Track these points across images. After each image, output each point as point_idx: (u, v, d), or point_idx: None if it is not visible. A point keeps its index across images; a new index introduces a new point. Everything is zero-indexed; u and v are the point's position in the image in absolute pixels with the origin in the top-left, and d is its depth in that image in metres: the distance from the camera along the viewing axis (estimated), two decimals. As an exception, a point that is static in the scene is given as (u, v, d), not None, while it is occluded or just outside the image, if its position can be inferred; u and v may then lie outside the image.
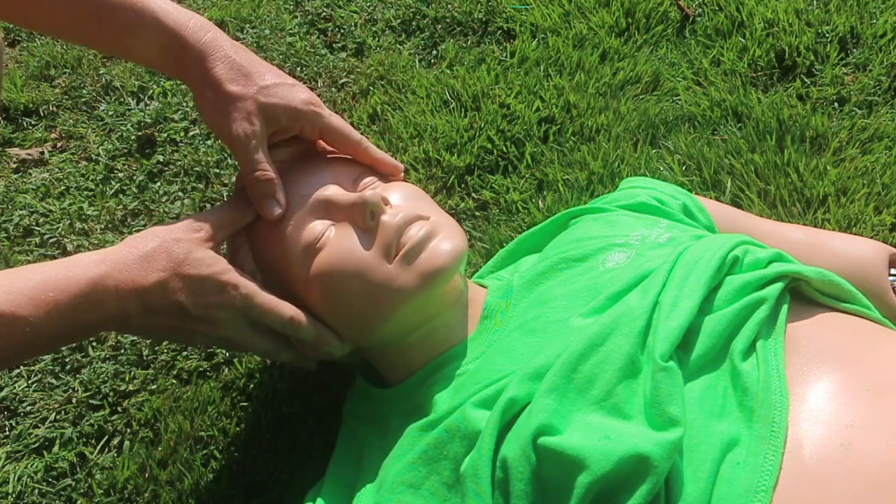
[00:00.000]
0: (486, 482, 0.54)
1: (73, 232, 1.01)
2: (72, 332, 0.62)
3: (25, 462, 0.82)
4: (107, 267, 0.62)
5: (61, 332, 0.61)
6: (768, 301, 0.60)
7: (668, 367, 0.54)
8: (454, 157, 1.05)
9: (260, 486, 0.79)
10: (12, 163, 1.11)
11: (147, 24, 0.70)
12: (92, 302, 0.61)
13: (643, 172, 1.01)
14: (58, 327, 0.60)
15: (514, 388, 0.57)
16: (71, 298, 0.60)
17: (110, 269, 0.62)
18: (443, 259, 0.65)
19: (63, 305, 0.59)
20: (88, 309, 0.61)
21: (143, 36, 0.70)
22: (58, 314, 0.59)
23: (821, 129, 1.01)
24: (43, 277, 0.59)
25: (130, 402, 0.86)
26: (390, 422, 0.68)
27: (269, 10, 1.30)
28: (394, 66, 1.19)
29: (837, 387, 0.55)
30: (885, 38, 1.11)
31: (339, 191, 0.69)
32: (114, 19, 0.70)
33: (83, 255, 0.63)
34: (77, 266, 0.61)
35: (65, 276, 0.60)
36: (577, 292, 0.67)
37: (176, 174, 1.08)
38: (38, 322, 0.58)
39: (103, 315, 0.62)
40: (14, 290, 0.58)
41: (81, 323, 0.61)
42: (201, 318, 0.65)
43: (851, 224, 0.92)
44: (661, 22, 1.21)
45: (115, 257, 0.63)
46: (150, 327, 0.66)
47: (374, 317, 0.67)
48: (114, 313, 0.62)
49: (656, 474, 0.49)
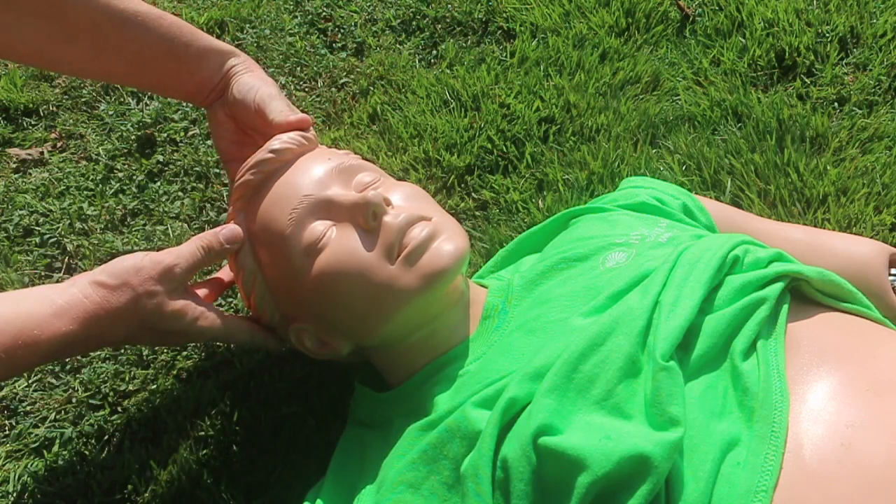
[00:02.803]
0: (487, 482, 0.54)
1: (73, 232, 1.01)
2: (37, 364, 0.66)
3: (25, 462, 0.82)
4: (77, 326, 0.63)
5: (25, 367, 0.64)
6: (769, 301, 0.60)
7: (668, 367, 0.54)
8: (454, 157, 1.05)
9: (260, 486, 0.79)
10: (12, 163, 1.11)
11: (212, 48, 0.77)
12: (60, 352, 0.64)
13: (643, 172, 1.01)
14: (22, 365, 0.63)
15: (515, 387, 0.57)
16: (40, 355, 0.63)
17: (80, 329, 0.63)
18: (445, 260, 0.65)
19: (33, 354, 0.62)
20: (56, 355, 0.64)
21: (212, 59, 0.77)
22: (25, 359, 0.62)
23: (821, 128, 1.01)
24: (11, 331, 0.61)
25: (130, 402, 0.86)
26: (393, 423, 0.68)
27: (269, 10, 1.30)
28: (394, 66, 1.19)
29: (838, 386, 0.55)
30: (885, 38, 1.11)
31: (341, 191, 0.69)
32: (188, 51, 0.75)
33: (47, 300, 0.64)
34: (45, 324, 0.62)
35: (32, 334, 0.61)
36: (577, 292, 0.67)
37: (176, 174, 1.08)
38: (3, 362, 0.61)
39: (69, 355, 0.67)
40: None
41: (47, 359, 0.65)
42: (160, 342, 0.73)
43: (851, 224, 0.92)
44: (661, 22, 1.21)
45: (85, 314, 0.64)
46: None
47: (375, 317, 0.67)
48: (78, 353, 0.71)
49: (657, 474, 0.49)
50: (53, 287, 0.65)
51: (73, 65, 0.77)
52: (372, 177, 0.72)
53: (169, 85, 0.79)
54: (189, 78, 0.77)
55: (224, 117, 0.80)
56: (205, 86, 0.79)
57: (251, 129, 0.80)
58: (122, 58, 0.74)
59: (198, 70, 0.77)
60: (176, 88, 0.79)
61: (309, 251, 0.67)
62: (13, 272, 0.96)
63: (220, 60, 0.78)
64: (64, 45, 0.72)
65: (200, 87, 0.79)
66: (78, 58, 0.74)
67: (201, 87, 0.78)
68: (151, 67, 0.76)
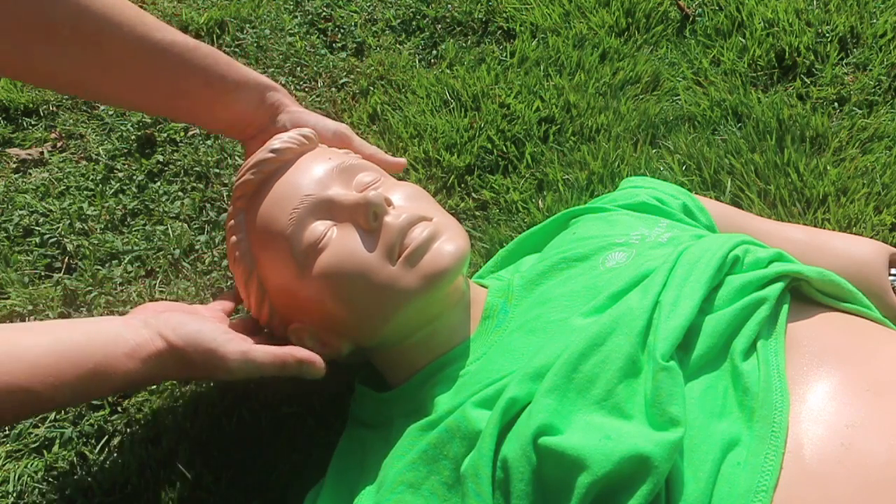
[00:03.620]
0: (487, 482, 0.54)
1: (73, 232, 1.01)
2: (103, 396, 0.71)
3: (25, 461, 0.82)
4: (145, 367, 0.66)
5: (92, 398, 0.70)
6: (769, 301, 0.60)
7: (668, 367, 0.54)
8: (454, 157, 1.05)
9: (260, 486, 0.78)
10: (12, 163, 1.11)
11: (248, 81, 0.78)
12: (126, 388, 0.68)
13: (643, 172, 1.01)
14: (90, 396, 0.68)
15: (515, 387, 0.57)
16: (111, 389, 0.66)
17: (148, 370, 0.67)
18: (446, 261, 0.65)
19: (104, 388, 0.65)
20: (120, 390, 0.68)
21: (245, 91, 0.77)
22: (96, 392, 0.66)
23: (821, 128, 1.01)
24: (89, 364, 0.63)
25: (130, 402, 0.86)
26: (393, 423, 0.68)
27: (269, 10, 1.30)
28: (394, 65, 1.19)
29: (838, 386, 0.55)
30: (885, 38, 1.11)
31: (342, 191, 0.69)
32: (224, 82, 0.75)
33: (121, 339, 0.66)
34: (118, 362, 0.65)
35: (107, 370, 0.64)
36: (577, 292, 0.67)
37: (176, 174, 1.08)
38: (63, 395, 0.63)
39: (133, 391, 0.74)
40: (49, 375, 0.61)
41: (113, 393, 0.70)
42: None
43: (851, 224, 0.92)
44: (661, 22, 1.21)
45: (157, 358, 0.67)
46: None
47: (376, 317, 0.67)
48: (141, 389, 0.78)
49: (657, 474, 0.49)
50: (125, 323, 0.67)
51: (110, 96, 0.78)
52: (372, 177, 0.72)
53: (205, 116, 0.79)
54: (224, 110, 0.77)
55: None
56: (243, 119, 0.79)
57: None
58: (158, 89, 0.74)
59: (233, 102, 0.76)
60: (213, 120, 0.79)
61: (309, 251, 0.67)
62: (13, 272, 0.96)
63: (258, 93, 0.77)
64: (102, 76, 0.72)
65: (238, 120, 0.78)
66: (116, 89, 0.74)
67: (239, 120, 0.78)
68: (187, 99, 0.76)
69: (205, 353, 0.66)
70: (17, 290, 0.94)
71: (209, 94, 0.75)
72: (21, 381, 0.59)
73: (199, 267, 0.96)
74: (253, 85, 0.77)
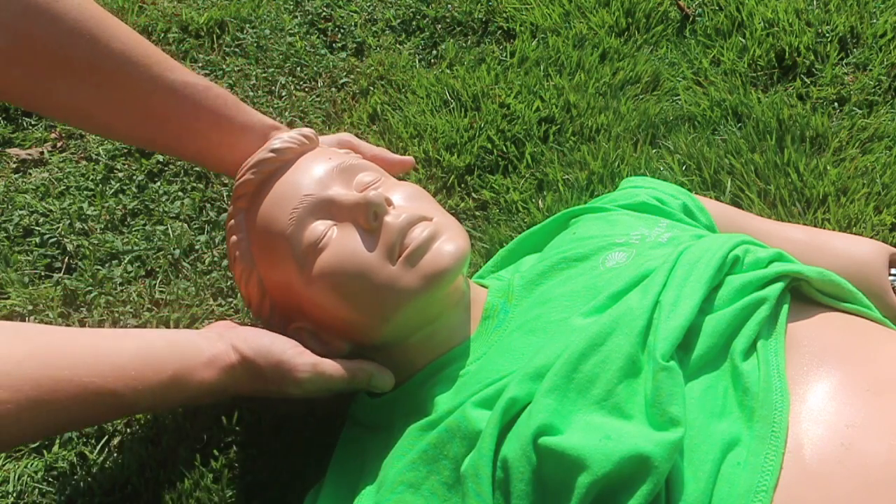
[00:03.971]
0: (487, 482, 0.54)
1: (73, 232, 1.01)
2: (178, 405, 0.72)
3: (25, 461, 0.82)
4: (221, 377, 0.67)
5: (168, 406, 0.71)
6: (769, 301, 0.60)
7: (668, 367, 0.54)
8: (454, 157, 1.05)
9: (260, 486, 0.78)
10: (12, 163, 1.11)
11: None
12: (202, 398, 0.69)
13: (643, 172, 1.01)
14: (168, 403, 0.70)
15: (515, 387, 0.57)
16: (186, 398, 0.67)
17: (223, 380, 0.67)
18: (446, 261, 0.65)
19: (181, 396, 0.66)
20: (196, 400, 0.69)
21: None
22: (173, 400, 0.67)
23: (821, 128, 1.01)
24: (168, 371, 0.64)
25: (130, 402, 0.86)
26: (393, 423, 0.68)
27: (269, 10, 1.30)
28: (394, 65, 1.19)
29: (838, 386, 0.55)
30: (885, 38, 1.11)
31: (342, 190, 0.69)
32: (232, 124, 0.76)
33: (198, 349, 0.67)
34: (196, 371, 0.66)
35: (185, 378, 0.65)
36: (577, 292, 0.67)
37: (176, 174, 1.08)
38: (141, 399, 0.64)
39: (206, 401, 0.73)
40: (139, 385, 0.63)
41: (188, 403, 0.72)
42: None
43: (851, 224, 0.92)
44: (661, 22, 1.21)
45: (231, 370, 0.68)
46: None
47: (376, 317, 0.67)
48: (214, 400, 0.73)
49: (657, 474, 0.49)
50: (200, 335, 0.69)
51: (121, 132, 0.78)
52: (373, 176, 0.72)
53: (210, 156, 0.79)
54: (229, 151, 0.77)
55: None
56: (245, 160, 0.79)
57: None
58: (169, 130, 0.74)
59: (237, 143, 0.76)
60: (217, 160, 0.79)
61: (309, 251, 0.67)
62: (13, 272, 0.96)
63: (263, 135, 0.78)
64: (113, 112, 0.72)
65: (241, 161, 0.78)
66: (127, 126, 0.74)
67: (244, 161, 0.78)
68: (196, 140, 0.76)
69: (276, 364, 0.67)
70: (17, 290, 0.94)
71: (217, 136, 0.76)
72: (109, 383, 0.60)
73: (199, 267, 0.96)
74: (258, 127, 0.77)
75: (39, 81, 0.68)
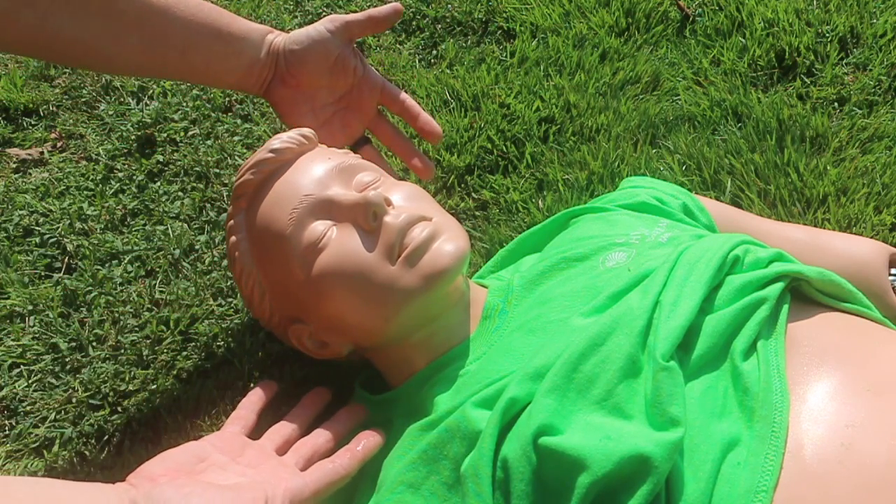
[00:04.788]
0: (487, 482, 0.54)
1: (73, 232, 1.01)
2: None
3: (25, 461, 0.82)
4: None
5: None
6: (769, 301, 0.60)
7: (669, 367, 0.54)
8: (454, 157, 1.05)
9: (260, 486, 0.78)
10: (12, 163, 1.11)
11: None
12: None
13: (643, 172, 1.01)
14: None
15: (515, 387, 0.57)
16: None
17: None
18: (446, 260, 0.65)
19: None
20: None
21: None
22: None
23: (821, 128, 1.01)
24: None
25: (130, 402, 0.86)
26: (393, 423, 0.68)
27: (269, 10, 1.30)
28: (394, 66, 1.19)
29: (838, 386, 0.55)
30: (885, 38, 1.11)
31: (341, 191, 0.69)
32: (231, 30, 0.79)
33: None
34: None
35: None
36: (577, 292, 0.67)
37: (176, 174, 1.08)
38: None
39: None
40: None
41: None
42: None
43: (851, 224, 0.92)
44: (661, 22, 1.21)
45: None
46: None
47: (376, 317, 0.67)
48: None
49: (657, 474, 0.49)
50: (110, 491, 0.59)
51: (128, 62, 0.79)
52: (372, 176, 0.72)
53: (220, 70, 0.80)
54: (237, 60, 0.79)
55: (286, 91, 0.82)
56: (254, 67, 0.81)
57: (317, 75, 0.82)
58: (170, 47, 0.76)
59: (243, 49, 0.79)
60: (227, 73, 0.80)
61: (309, 251, 0.67)
62: (13, 272, 0.97)
63: (260, 37, 0.80)
64: (115, 41, 0.74)
65: (251, 70, 0.80)
66: (129, 53, 0.76)
67: (251, 68, 0.80)
68: (200, 52, 0.78)
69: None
70: (17, 290, 0.94)
71: (220, 46, 0.78)
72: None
73: (199, 267, 0.96)
74: (255, 32, 0.80)
75: (47, 19, 0.69)
